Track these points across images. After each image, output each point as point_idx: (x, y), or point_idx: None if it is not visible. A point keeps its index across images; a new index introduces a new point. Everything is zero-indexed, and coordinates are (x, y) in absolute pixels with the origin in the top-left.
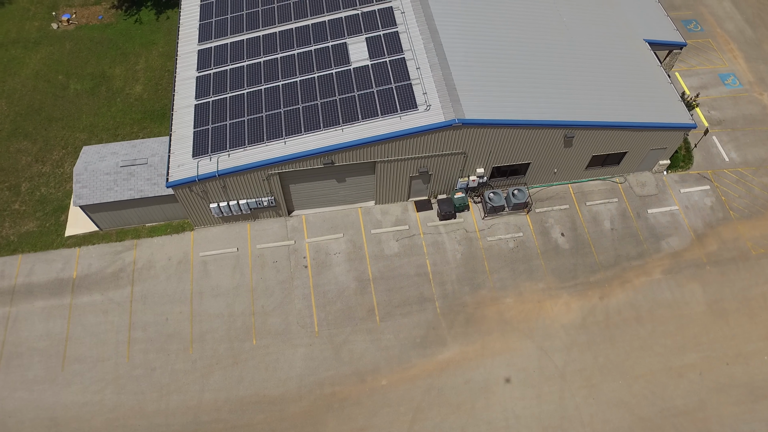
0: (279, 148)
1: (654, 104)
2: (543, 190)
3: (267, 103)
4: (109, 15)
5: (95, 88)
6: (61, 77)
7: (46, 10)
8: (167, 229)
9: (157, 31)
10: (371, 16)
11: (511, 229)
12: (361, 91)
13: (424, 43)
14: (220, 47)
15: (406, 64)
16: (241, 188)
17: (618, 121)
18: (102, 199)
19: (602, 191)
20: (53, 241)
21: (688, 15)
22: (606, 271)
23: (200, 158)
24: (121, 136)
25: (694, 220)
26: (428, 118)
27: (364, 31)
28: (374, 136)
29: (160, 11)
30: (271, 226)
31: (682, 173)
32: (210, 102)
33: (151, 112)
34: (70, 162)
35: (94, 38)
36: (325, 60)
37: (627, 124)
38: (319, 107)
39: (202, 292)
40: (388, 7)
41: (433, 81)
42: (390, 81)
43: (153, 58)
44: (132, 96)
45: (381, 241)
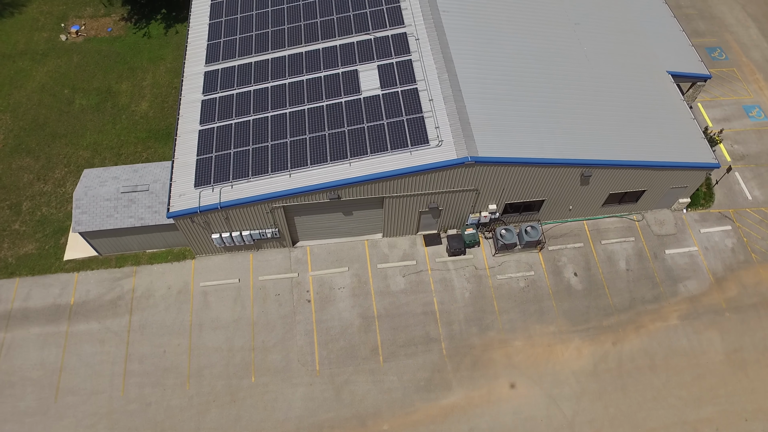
0: (284, 180)
1: (676, 141)
2: (557, 227)
3: (273, 131)
4: (118, 27)
5: (101, 103)
6: (67, 91)
7: (56, 21)
8: (168, 256)
9: (165, 46)
10: (384, 42)
11: (522, 268)
12: (371, 123)
13: (438, 73)
14: (227, 70)
15: (419, 95)
16: (244, 220)
17: (638, 160)
18: (101, 226)
19: (618, 229)
20: (52, 265)
21: (713, 42)
22: (620, 315)
23: (202, 188)
24: (125, 155)
25: (713, 262)
26: (440, 154)
27: (377, 58)
28: (383, 173)
29: (170, 25)
30: (275, 256)
31: (703, 212)
32: (214, 128)
33: (156, 132)
34: (72, 181)
35: (102, 51)
36: (335, 88)
37: (647, 164)
38: (327, 138)
39: (202, 324)
40: (402, 33)
41: (446, 114)
42: (401, 113)
43: (160, 74)
44: (137, 113)
45: (387, 276)
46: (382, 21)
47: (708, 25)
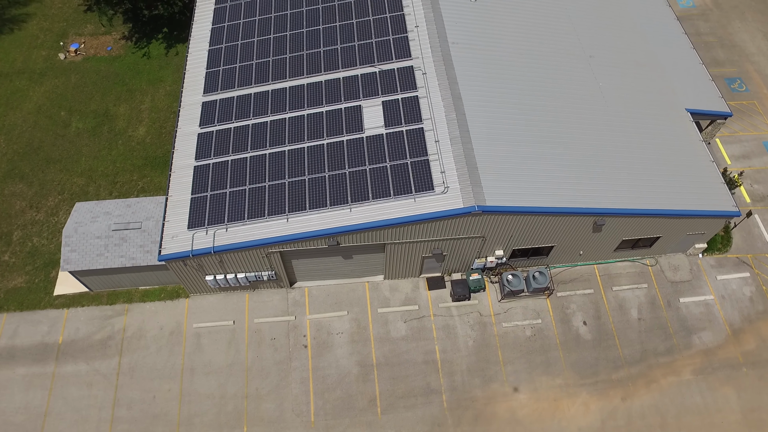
0: (280, 225)
1: (694, 186)
2: (567, 271)
3: (271, 170)
4: (118, 46)
5: (97, 127)
6: (64, 113)
7: (55, 39)
8: (161, 294)
9: (165, 67)
10: (390, 76)
11: (529, 315)
12: (374, 165)
13: (446, 111)
14: (225, 101)
15: (425, 135)
16: (238, 263)
17: (654, 208)
18: (91, 266)
19: (631, 274)
20: (41, 300)
21: (733, 72)
22: (630, 368)
23: (196, 230)
24: (120, 184)
25: (730, 312)
26: (445, 202)
27: (381, 93)
28: (385, 221)
29: (171, 45)
30: (271, 297)
31: (720, 257)
32: (210, 165)
33: (153, 159)
34: (65, 210)
35: (101, 71)
36: (337, 124)
37: (663, 212)
38: (327, 180)
39: (194, 368)
40: (408, 66)
41: (453, 158)
42: (406, 155)
43: (159, 97)
44: (134, 139)
45: (388, 321)
46: (388, 52)
47: (728, 54)
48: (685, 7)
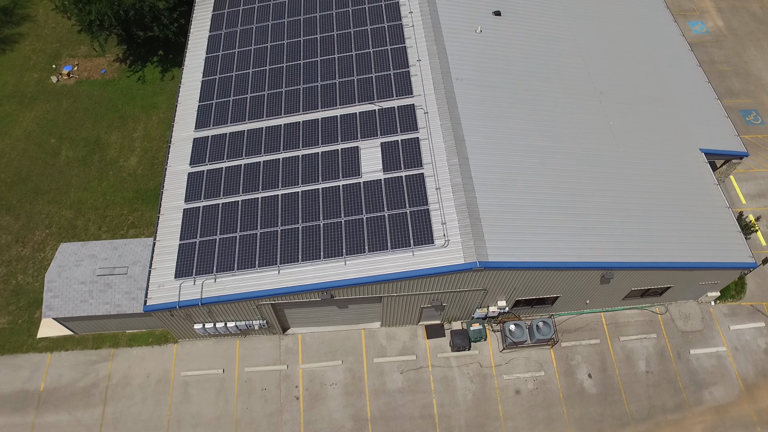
0: (272, 277)
1: (708, 236)
2: (572, 319)
3: (263, 216)
4: (112, 69)
5: (88, 156)
6: (54, 141)
7: (48, 60)
8: (149, 339)
9: (159, 93)
10: (390, 115)
11: (531, 366)
12: (371, 214)
13: (448, 156)
14: (217, 138)
15: (425, 182)
16: (228, 312)
17: (666, 262)
18: (74, 313)
19: (639, 323)
20: (24, 343)
21: (748, 104)
22: (637, 426)
23: (183, 280)
24: (109, 218)
25: (744, 365)
26: (445, 256)
27: (380, 134)
28: (381, 276)
29: (166, 69)
30: (263, 344)
31: (733, 304)
32: (200, 208)
33: (144, 192)
34: (51, 245)
35: (93, 96)
36: (333, 167)
37: (676, 265)
38: (321, 230)
39: (181, 419)
40: (409, 104)
41: (455, 207)
42: (405, 203)
43: (152, 125)
44: (126, 169)
45: (384, 372)
46: (389, 89)
47: (743, 84)
48: (698, 33)
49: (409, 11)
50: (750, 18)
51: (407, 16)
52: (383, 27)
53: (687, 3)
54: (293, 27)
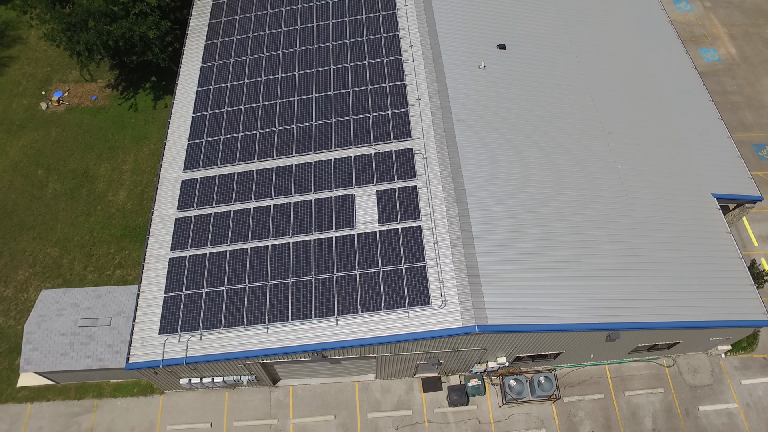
0: (260, 336)
1: (720, 290)
2: (575, 371)
3: (252, 269)
4: (103, 96)
5: (76, 189)
6: (41, 172)
7: (38, 85)
8: (134, 389)
9: (151, 122)
10: (387, 160)
11: (532, 423)
12: (365, 270)
13: (447, 207)
14: (206, 180)
15: (422, 236)
16: (216, 369)
17: (675, 320)
18: (54, 367)
19: (645, 376)
20: (2, 392)
21: (761, 138)
22: None
23: (168, 336)
24: (96, 257)
25: (756, 423)
26: (442, 319)
27: (376, 181)
28: (374, 338)
29: (159, 96)
30: (253, 397)
31: (745, 356)
32: (187, 258)
33: (133, 229)
34: (35, 286)
35: (83, 125)
36: (326, 217)
37: (686, 325)
38: (312, 286)
39: None
40: (408, 148)
41: (453, 264)
42: (400, 259)
43: (143, 157)
44: (114, 204)
45: (378, 428)
46: (387, 130)
47: (756, 117)
48: (710, 61)
49: (409, 44)
50: (764, 45)
51: (407, 50)
52: (382, 62)
53: (698, 29)
54: (288, 59)
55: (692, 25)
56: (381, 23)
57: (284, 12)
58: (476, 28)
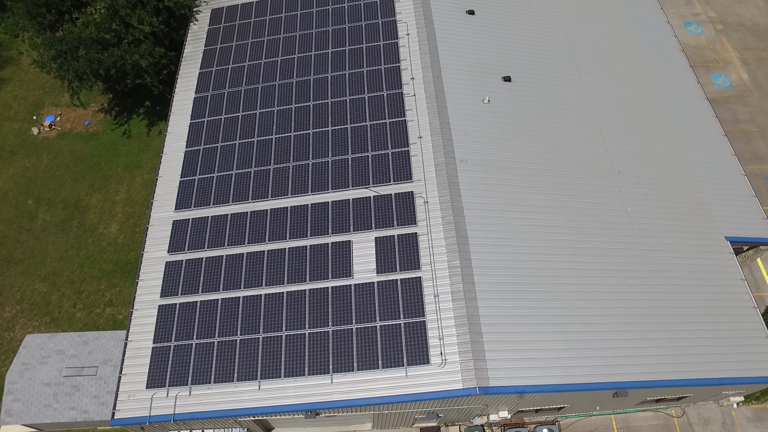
0: (251, 392)
1: (734, 344)
2: (579, 421)
3: (244, 321)
4: (96, 120)
5: (66, 221)
6: (31, 202)
7: (30, 109)
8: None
9: (145, 150)
10: (386, 204)
11: None
12: (362, 325)
13: (449, 257)
14: (198, 221)
15: (422, 288)
16: (206, 422)
17: (686, 378)
18: (36, 420)
19: (653, 427)
20: None
21: None
22: None
23: (155, 390)
24: (86, 294)
25: None
26: (442, 379)
27: (375, 226)
28: (371, 398)
29: (153, 122)
30: None
31: (758, 407)
32: (177, 306)
33: (124, 265)
34: (22, 324)
35: (75, 152)
36: (322, 265)
37: (698, 382)
38: (307, 341)
39: None
40: (408, 192)
41: (454, 319)
42: (399, 313)
43: (136, 187)
44: (105, 237)
45: None
46: (386, 171)
47: None
48: (721, 88)
49: (411, 77)
50: None
51: (408, 83)
52: (382, 96)
53: (709, 53)
54: (285, 91)
55: (703, 49)
56: (382, 53)
57: (281, 39)
58: (481, 58)
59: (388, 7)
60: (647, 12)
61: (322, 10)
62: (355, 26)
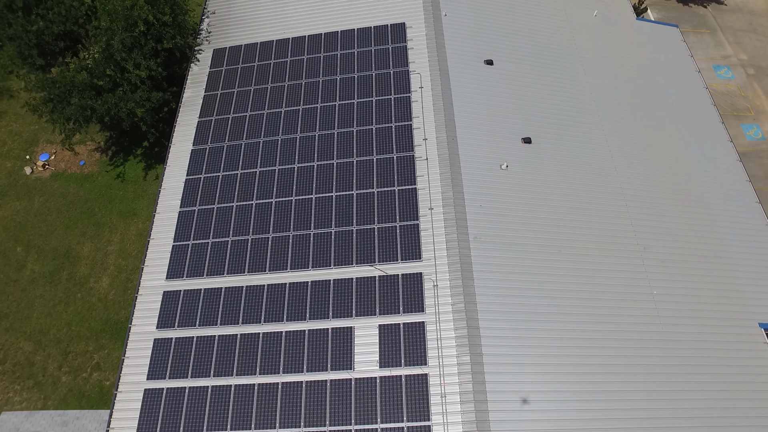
0: None
1: None
2: None
3: (234, 415)
4: (92, 161)
5: (56, 272)
6: (21, 250)
7: (24, 145)
8: None
9: (141, 196)
10: (392, 286)
11: None
12: (361, 426)
13: (458, 353)
14: (190, 294)
15: (429, 386)
16: None
17: None
18: None
19: None
20: None
21: None
22: None
23: None
24: (72, 355)
25: None
26: None
27: (379, 312)
28: None
29: (150, 165)
30: None
31: None
32: (163, 392)
33: (114, 324)
34: (2, 388)
35: (68, 195)
36: (321, 354)
37: None
38: None
39: None
40: (416, 273)
41: (462, 425)
42: (402, 416)
43: (129, 238)
44: (96, 293)
45: None
46: (393, 248)
47: None
48: (753, 140)
49: (423, 137)
50: None
51: (421, 144)
52: (392, 158)
53: (740, 100)
54: (287, 148)
55: (734, 96)
56: (393, 109)
57: (286, 87)
58: (499, 115)
59: (401, 55)
60: (677, 59)
61: (330, 56)
62: (364, 76)
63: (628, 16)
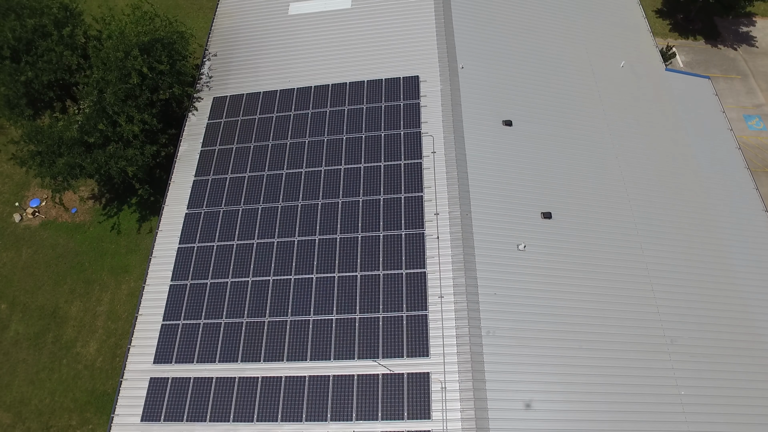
0: None
1: None
2: None
3: None
4: (84, 209)
5: (41, 334)
6: (5, 307)
7: (15, 189)
8: None
9: (134, 251)
10: (397, 386)
11: None
12: None
13: None
14: (178, 383)
15: None
16: None
17: None
18: None
19: None
20: None
21: None
22: None
23: None
24: (55, 429)
25: None
26: None
27: (381, 417)
28: None
29: (144, 217)
30: None
31: None
32: None
33: (100, 395)
34: None
35: (58, 246)
36: None
37: None
38: None
39: None
40: (424, 373)
41: None
42: None
43: (120, 297)
44: (82, 359)
45: None
46: (399, 341)
47: None
48: None
49: (435, 212)
50: None
51: (432, 220)
52: (400, 236)
53: None
54: (288, 217)
55: (765, 150)
56: (402, 177)
57: (288, 146)
58: (518, 184)
59: (414, 115)
60: (708, 115)
61: (337, 111)
62: (372, 136)
63: (657, 66)
